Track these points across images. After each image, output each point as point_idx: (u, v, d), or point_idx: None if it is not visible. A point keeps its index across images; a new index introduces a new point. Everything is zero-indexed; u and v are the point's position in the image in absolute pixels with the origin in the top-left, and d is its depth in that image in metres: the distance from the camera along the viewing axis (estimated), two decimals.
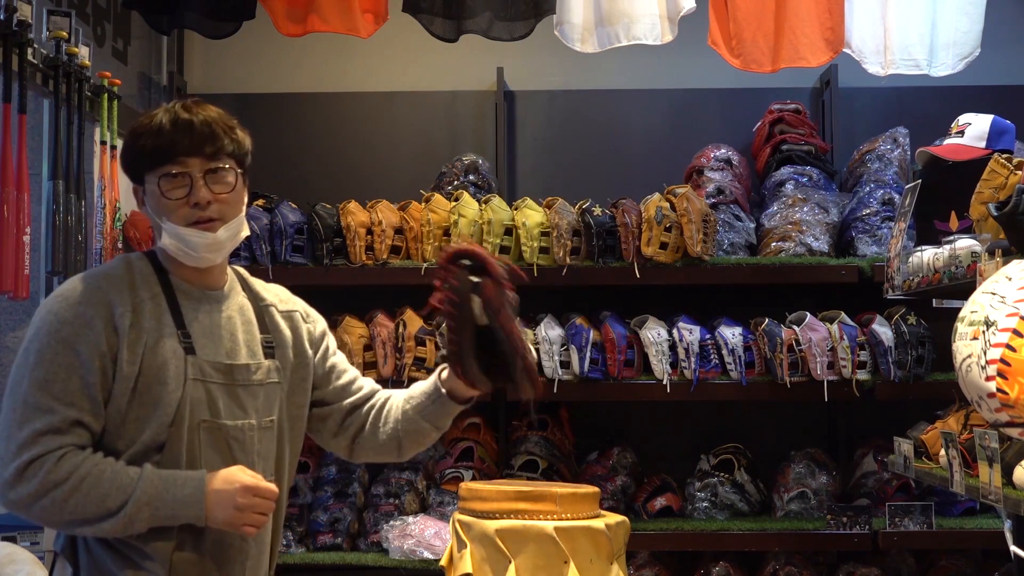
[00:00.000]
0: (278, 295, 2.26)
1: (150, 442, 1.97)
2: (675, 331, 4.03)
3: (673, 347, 4.03)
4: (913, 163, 4.18)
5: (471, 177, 4.39)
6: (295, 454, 2.23)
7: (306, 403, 2.24)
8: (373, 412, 2.32)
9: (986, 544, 3.90)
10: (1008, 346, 2.25)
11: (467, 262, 2.17)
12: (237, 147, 2.09)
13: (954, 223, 3.11)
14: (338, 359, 2.34)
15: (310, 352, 2.25)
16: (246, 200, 2.14)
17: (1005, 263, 2.47)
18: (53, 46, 3.48)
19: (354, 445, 2.33)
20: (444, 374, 2.27)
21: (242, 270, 2.26)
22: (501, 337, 2.14)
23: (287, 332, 2.20)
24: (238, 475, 1.99)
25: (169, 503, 1.94)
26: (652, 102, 4.74)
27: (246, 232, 2.14)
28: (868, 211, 4.15)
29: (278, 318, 2.21)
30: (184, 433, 1.99)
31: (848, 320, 4.04)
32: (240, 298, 2.17)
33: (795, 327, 4.01)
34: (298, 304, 2.28)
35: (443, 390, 2.27)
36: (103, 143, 3.78)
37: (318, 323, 2.31)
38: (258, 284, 2.25)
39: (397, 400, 2.33)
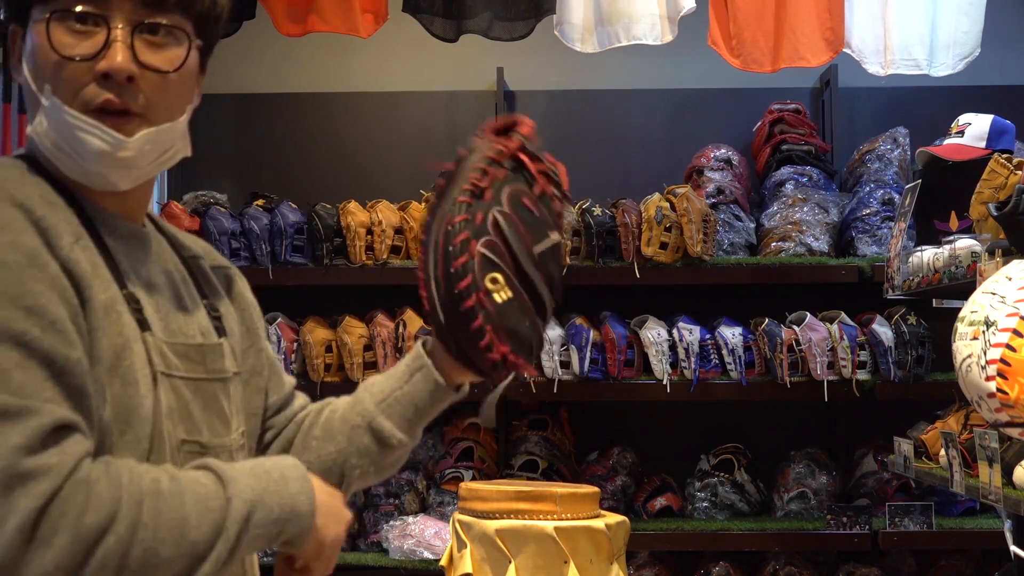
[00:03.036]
0: (197, 243, 1.50)
1: None
2: (675, 331, 4.03)
3: (673, 347, 4.03)
4: (913, 163, 4.18)
5: None
6: None
7: (260, 410, 1.49)
8: (305, 426, 1.54)
9: (986, 544, 3.90)
10: (1008, 346, 2.25)
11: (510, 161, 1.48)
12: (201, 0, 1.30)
13: (954, 223, 3.11)
14: (270, 348, 1.57)
15: (261, 332, 1.53)
16: (197, 97, 1.35)
17: (1005, 263, 2.47)
18: None
19: None
20: (427, 343, 1.50)
21: None
22: (539, 290, 1.40)
23: (226, 299, 1.47)
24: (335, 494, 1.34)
25: (275, 509, 1.21)
26: (652, 102, 4.74)
27: (184, 152, 1.35)
28: (868, 211, 4.15)
29: (212, 276, 1.46)
30: (168, 464, 1.23)
31: (848, 320, 4.04)
32: (163, 243, 1.41)
33: (795, 327, 4.00)
34: (224, 259, 1.54)
35: (426, 363, 1.47)
36: None
37: (249, 289, 1.55)
38: (170, 226, 1.47)
39: (340, 406, 1.54)
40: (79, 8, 1.22)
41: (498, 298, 1.37)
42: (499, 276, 1.38)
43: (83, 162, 1.24)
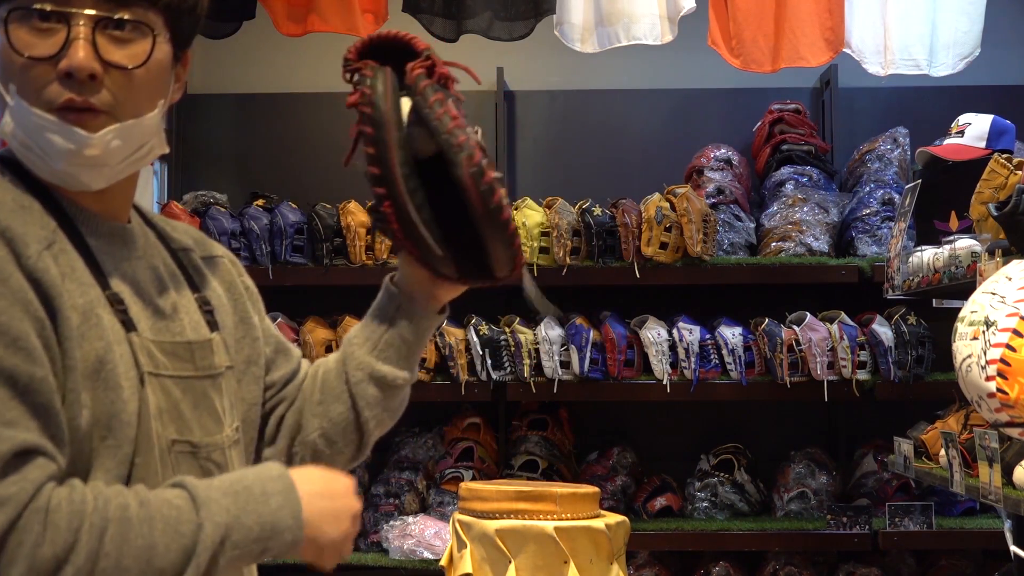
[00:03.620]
0: (188, 233, 1.48)
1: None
2: (675, 331, 4.03)
3: (673, 347, 4.03)
4: (913, 163, 4.18)
5: None
6: None
7: (259, 399, 1.47)
8: (306, 392, 1.54)
9: (986, 544, 3.90)
10: (1008, 346, 2.25)
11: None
12: None
13: (954, 223, 3.11)
14: (273, 326, 1.58)
15: (255, 318, 1.50)
16: (174, 87, 1.33)
17: (1005, 263, 2.47)
18: None
19: (293, 451, 1.52)
20: (395, 276, 1.53)
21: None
22: (460, 169, 1.35)
23: (219, 289, 1.45)
24: (339, 479, 1.30)
25: (254, 529, 1.17)
26: (652, 102, 4.74)
27: (160, 149, 1.31)
28: (868, 211, 4.15)
29: (203, 268, 1.44)
30: (156, 466, 1.22)
31: (848, 320, 4.04)
32: (151, 238, 1.38)
33: (795, 327, 4.00)
34: (218, 247, 1.52)
35: (400, 295, 1.50)
36: None
37: (245, 273, 1.55)
38: (159, 218, 1.45)
39: (331, 364, 1.55)
40: (38, 6, 1.19)
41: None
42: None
43: (51, 161, 1.21)
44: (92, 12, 1.20)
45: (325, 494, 1.26)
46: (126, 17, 1.22)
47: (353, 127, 1.40)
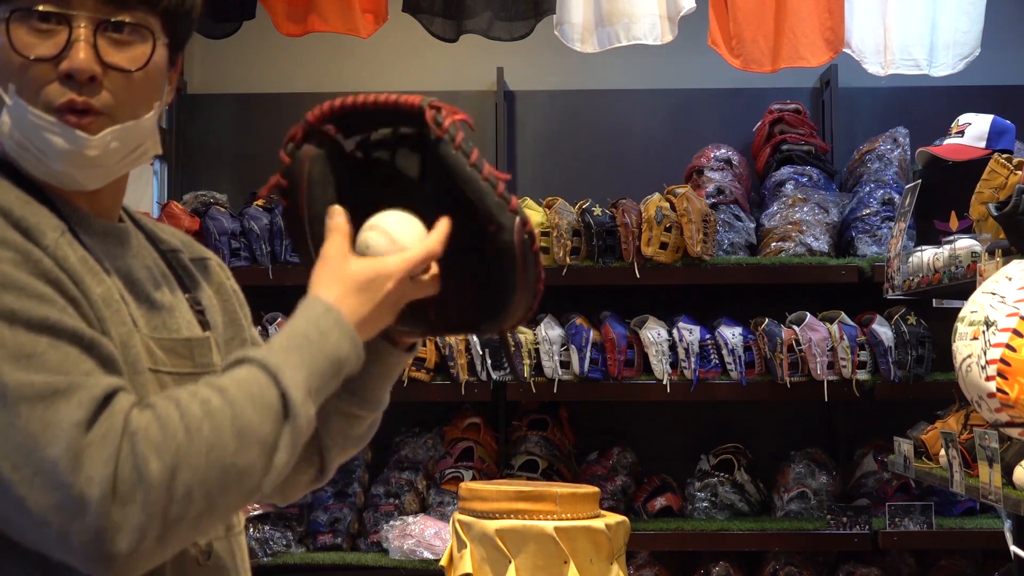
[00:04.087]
0: (176, 235, 1.46)
1: None
2: (675, 331, 4.03)
3: (673, 347, 4.03)
4: (913, 163, 4.18)
5: None
6: None
7: None
8: None
9: (986, 544, 3.90)
10: (1008, 346, 2.25)
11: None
12: None
13: (954, 223, 3.12)
14: (258, 336, 1.51)
15: (244, 321, 1.47)
16: (167, 89, 1.33)
17: (1005, 263, 2.47)
18: None
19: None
20: None
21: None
22: (511, 235, 1.29)
23: (208, 290, 1.43)
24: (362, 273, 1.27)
25: (327, 370, 1.21)
26: (652, 102, 4.74)
27: (154, 150, 1.32)
28: (868, 211, 4.15)
29: (192, 269, 1.43)
30: None
31: (848, 320, 4.04)
32: (141, 239, 1.38)
33: (795, 327, 4.01)
34: (206, 250, 1.50)
35: (381, 339, 1.44)
36: None
37: (232, 278, 1.51)
38: (147, 220, 1.44)
39: None
40: (41, 7, 1.20)
41: None
42: None
43: (49, 162, 1.22)
44: (93, 14, 1.21)
45: (364, 298, 1.26)
46: (127, 20, 1.23)
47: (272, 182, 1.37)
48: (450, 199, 1.30)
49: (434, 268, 1.31)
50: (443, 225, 1.30)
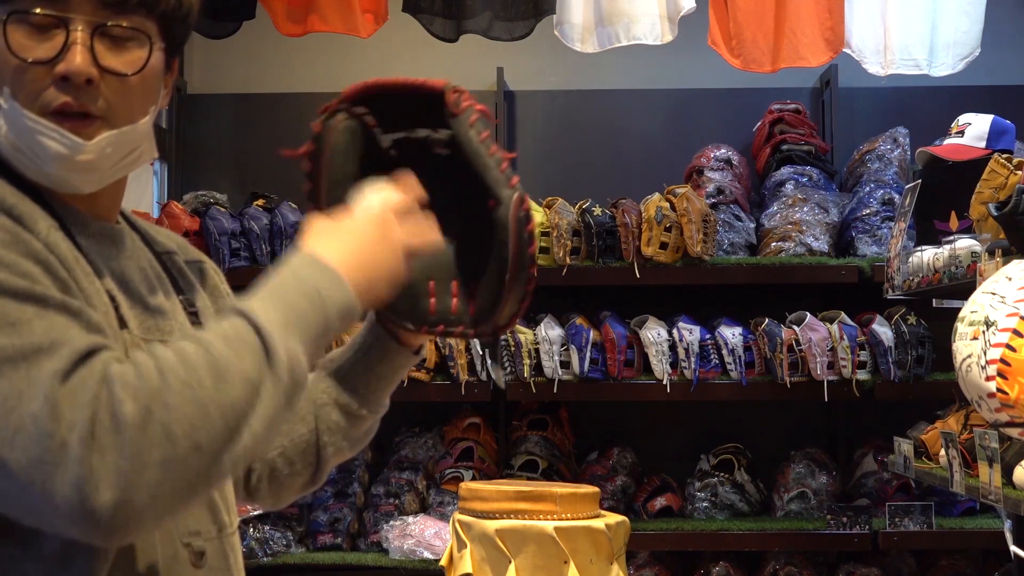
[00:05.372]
0: (171, 238, 1.46)
1: None
2: (675, 331, 4.03)
3: (673, 347, 4.03)
4: (913, 163, 4.18)
5: None
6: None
7: None
8: None
9: (986, 544, 3.90)
10: (1008, 346, 2.25)
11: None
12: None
13: (954, 223, 3.11)
14: None
15: None
16: (163, 99, 1.32)
17: (1005, 263, 2.47)
18: None
19: (252, 467, 1.45)
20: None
21: None
22: (508, 209, 1.36)
23: (203, 293, 1.43)
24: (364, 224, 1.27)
25: (307, 306, 1.17)
26: (652, 102, 4.74)
27: (150, 154, 1.31)
28: (868, 211, 4.15)
29: (187, 272, 1.43)
30: None
31: (848, 320, 4.04)
32: (136, 241, 1.37)
33: (795, 327, 4.01)
34: (200, 253, 1.50)
35: (379, 327, 1.45)
36: None
37: (225, 282, 1.51)
38: (142, 222, 1.44)
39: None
40: (38, 10, 1.19)
41: None
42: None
43: (42, 165, 1.21)
44: (91, 18, 1.20)
45: (346, 237, 1.26)
46: (124, 24, 1.22)
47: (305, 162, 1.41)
48: (460, 210, 1.37)
49: (432, 220, 1.33)
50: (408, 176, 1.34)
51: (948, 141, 3.68)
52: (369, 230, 1.28)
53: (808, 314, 4.04)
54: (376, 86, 1.42)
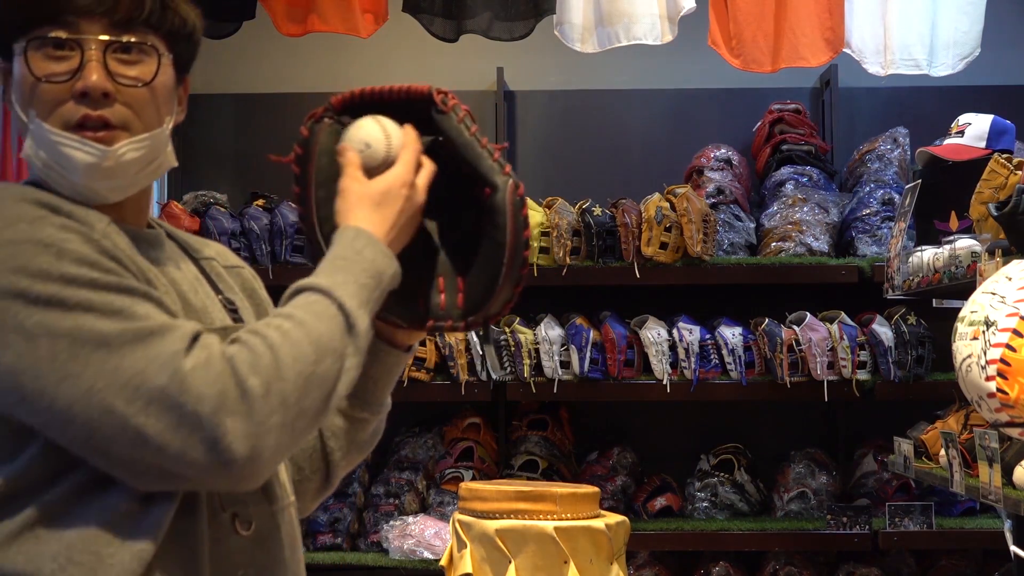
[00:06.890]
0: (209, 245, 1.56)
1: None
2: (675, 331, 4.03)
3: (673, 347, 4.03)
4: (913, 163, 4.18)
5: None
6: None
7: None
8: None
9: (986, 544, 3.90)
10: (1008, 346, 2.25)
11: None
12: (169, 17, 1.36)
13: (954, 223, 3.11)
14: None
15: None
16: (177, 108, 1.42)
17: (1005, 263, 2.47)
18: None
19: None
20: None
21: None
22: (504, 194, 1.40)
23: (241, 295, 1.52)
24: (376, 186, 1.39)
25: (371, 282, 1.34)
26: (652, 102, 4.74)
27: (169, 163, 1.40)
28: (868, 211, 4.15)
29: (226, 276, 1.52)
30: None
31: (848, 320, 4.04)
32: (174, 247, 1.47)
33: (795, 327, 4.01)
34: (239, 259, 1.60)
35: (379, 340, 1.50)
36: None
37: (264, 288, 1.60)
38: (181, 233, 1.53)
39: None
40: (53, 34, 1.31)
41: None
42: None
43: (72, 176, 1.31)
44: (103, 37, 1.32)
45: (386, 211, 1.39)
46: (133, 40, 1.34)
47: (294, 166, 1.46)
48: (444, 211, 1.44)
49: (427, 165, 1.42)
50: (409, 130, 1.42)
51: (948, 141, 3.68)
52: (403, 195, 1.40)
53: (808, 314, 4.04)
54: (362, 95, 1.46)
